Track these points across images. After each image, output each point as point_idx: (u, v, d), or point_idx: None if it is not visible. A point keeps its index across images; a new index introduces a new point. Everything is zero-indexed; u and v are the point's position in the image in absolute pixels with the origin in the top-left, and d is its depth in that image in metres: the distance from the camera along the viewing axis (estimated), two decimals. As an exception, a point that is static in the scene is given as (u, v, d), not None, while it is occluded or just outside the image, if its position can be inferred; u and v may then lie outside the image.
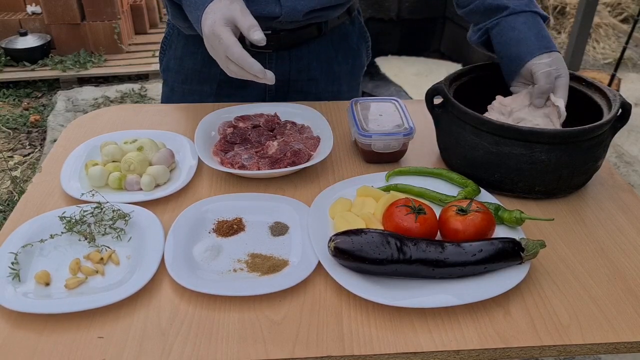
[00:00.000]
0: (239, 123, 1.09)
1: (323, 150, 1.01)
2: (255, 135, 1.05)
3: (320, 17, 1.15)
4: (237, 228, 0.86)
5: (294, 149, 0.99)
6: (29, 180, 2.71)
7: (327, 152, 0.99)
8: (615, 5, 4.90)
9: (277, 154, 0.99)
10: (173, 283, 0.76)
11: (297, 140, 1.03)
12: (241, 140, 1.04)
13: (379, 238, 0.74)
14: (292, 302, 0.75)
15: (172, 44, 1.24)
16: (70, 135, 1.11)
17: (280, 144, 1.02)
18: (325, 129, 1.06)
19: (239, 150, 1.01)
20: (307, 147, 1.02)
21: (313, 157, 1.01)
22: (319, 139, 1.05)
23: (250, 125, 1.08)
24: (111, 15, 3.73)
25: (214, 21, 0.92)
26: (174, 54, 1.24)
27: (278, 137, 1.05)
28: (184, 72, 1.24)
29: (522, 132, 0.88)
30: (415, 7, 3.52)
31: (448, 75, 1.02)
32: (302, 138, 1.05)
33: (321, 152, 1.01)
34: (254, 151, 1.01)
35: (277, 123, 1.10)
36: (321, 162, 1.03)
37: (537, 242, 0.77)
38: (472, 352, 0.69)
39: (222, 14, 0.92)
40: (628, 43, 3.02)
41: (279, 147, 1.01)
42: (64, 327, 0.70)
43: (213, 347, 0.68)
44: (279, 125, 1.09)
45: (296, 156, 0.98)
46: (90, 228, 0.85)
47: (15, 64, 3.64)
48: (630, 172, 2.83)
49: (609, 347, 0.71)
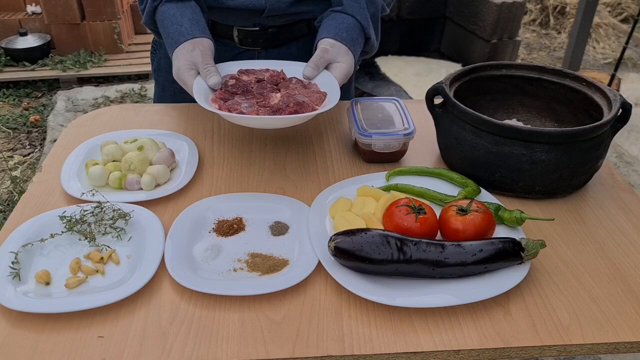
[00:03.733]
0: (242, 76, 1.04)
1: (329, 105, 0.94)
2: (258, 87, 1.00)
3: (307, 12, 1.15)
4: (237, 228, 0.86)
5: (298, 101, 0.94)
6: (29, 180, 2.71)
7: (332, 104, 0.92)
8: (615, 5, 4.90)
9: (279, 104, 0.94)
10: (173, 282, 0.76)
11: (302, 94, 0.98)
12: (243, 91, 0.99)
13: (379, 238, 0.74)
14: (292, 302, 0.75)
15: (163, 44, 1.24)
16: (70, 135, 1.11)
17: (284, 96, 0.97)
18: (333, 86, 1.00)
19: (239, 99, 0.97)
20: (312, 101, 0.96)
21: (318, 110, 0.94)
22: (325, 94, 0.99)
23: (254, 79, 1.04)
24: (111, 15, 3.72)
25: (179, 67, 1.01)
26: (164, 53, 1.24)
27: (282, 90, 1.00)
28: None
29: (522, 132, 0.88)
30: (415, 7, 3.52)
31: (448, 75, 1.02)
32: (307, 92, 0.99)
33: (327, 105, 0.94)
34: (255, 101, 0.97)
35: (282, 78, 1.05)
36: (321, 162, 1.03)
37: (537, 242, 0.77)
38: (472, 352, 0.69)
39: (185, 61, 1.01)
40: (628, 43, 3.02)
41: (281, 98, 0.96)
42: (64, 327, 0.70)
43: (213, 346, 0.68)
44: (284, 80, 1.05)
45: (299, 106, 0.93)
46: (91, 227, 0.85)
47: (15, 64, 3.64)
48: (630, 172, 2.83)
49: (609, 347, 0.71)
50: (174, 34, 1.04)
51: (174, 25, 1.04)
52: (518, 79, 1.08)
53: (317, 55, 1.03)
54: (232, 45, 1.18)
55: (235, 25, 1.15)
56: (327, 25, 1.08)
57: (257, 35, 1.16)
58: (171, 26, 1.05)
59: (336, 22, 1.07)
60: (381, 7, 1.14)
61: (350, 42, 1.06)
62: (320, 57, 1.03)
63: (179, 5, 1.06)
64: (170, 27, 1.05)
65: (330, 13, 1.10)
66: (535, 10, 4.90)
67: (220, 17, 1.14)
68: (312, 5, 1.14)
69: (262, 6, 1.09)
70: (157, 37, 1.18)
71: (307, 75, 1.03)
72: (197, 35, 1.03)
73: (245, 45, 1.18)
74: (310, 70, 1.03)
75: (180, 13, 1.05)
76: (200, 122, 1.15)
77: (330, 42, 1.04)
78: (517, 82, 1.09)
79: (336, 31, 1.05)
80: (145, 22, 1.12)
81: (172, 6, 1.06)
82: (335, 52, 1.04)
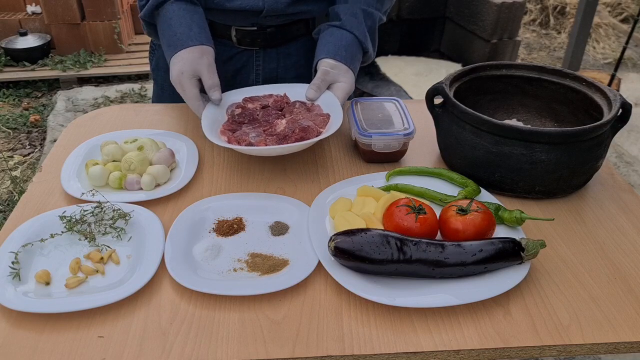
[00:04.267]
0: (247, 104, 1.07)
1: (333, 127, 0.98)
2: (263, 115, 1.03)
3: (305, 12, 1.15)
4: (237, 228, 0.86)
5: (303, 126, 0.97)
6: (29, 180, 2.71)
7: (336, 127, 0.96)
8: (615, 5, 4.90)
9: (285, 131, 0.97)
10: (173, 282, 0.76)
11: (306, 118, 1.01)
12: (249, 120, 1.02)
13: (379, 238, 0.74)
14: (292, 302, 0.75)
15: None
16: (70, 135, 1.11)
17: (289, 122, 0.99)
18: (336, 107, 1.03)
19: (246, 129, 1.00)
20: (316, 124, 0.99)
21: (322, 134, 0.98)
22: (328, 116, 1.02)
23: (259, 106, 1.06)
24: (111, 15, 3.72)
25: (182, 72, 1.00)
26: (163, 53, 1.23)
27: (287, 115, 1.03)
28: None
29: (522, 132, 0.88)
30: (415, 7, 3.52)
31: (448, 75, 1.02)
32: (311, 115, 1.02)
33: (331, 129, 0.98)
34: (262, 129, 0.99)
35: (286, 103, 1.08)
36: (321, 162, 1.03)
37: (537, 242, 0.77)
38: (472, 352, 0.69)
39: (190, 67, 1.00)
40: (628, 43, 3.02)
41: (287, 124, 0.99)
42: (64, 327, 0.70)
43: (213, 346, 0.68)
44: (287, 104, 1.07)
45: (305, 132, 0.96)
46: (91, 227, 0.85)
47: (15, 64, 3.64)
48: (630, 172, 2.83)
49: (609, 347, 0.71)
50: (181, 36, 1.03)
51: (183, 27, 1.04)
52: (518, 79, 1.08)
53: (319, 78, 1.06)
54: (230, 45, 1.18)
55: (234, 25, 1.15)
56: (325, 42, 1.09)
57: (255, 35, 1.16)
58: (179, 27, 1.04)
59: (335, 40, 1.08)
60: (378, 18, 1.15)
61: (350, 60, 1.07)
62: (322, 80, 1.06)
63: (189, 8, 1.06)
64: (177, 27, 1.04)
65: (328, 27, 1.11)
66: (535, 10, 4.90)
67: (218, 17, 1.14)
68: (310, 5, 1.14)
69: (260, 7, 1.09)
70: (149, 32, 1.15)
71: (310, 98, 1.05)
72: (205, 43, 1.03)
73: (243, 45, 1.18)
74: (312, 93, 1.06)
75: (190, 16, 1.05)
76: (200, 122, 1.14)
77: (331, 63, 1.06)
78: (517, 82, 1.09)
79: (336, 50, 1.07)
80: (144, 16, 1.10)
81: (183, 7, 1.05)
82: (336, 73, 1.06)
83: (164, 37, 1.07)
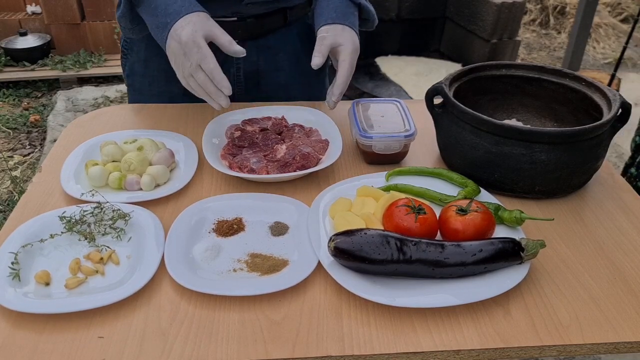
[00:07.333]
0: (246, 126, 1.09)
1: (332, 153, 1.00)
2: (263, 138, 1.05)
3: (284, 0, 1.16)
4: (237, 228, 0.86)
5: (303, 153, 0.98)
6: (29, 180, 2.71)
7: (337, 155, 0.98)
8: (615, 5, 4.90)
9: (285, 157, 0.99)
10: (173, 283, 0.76)
11: (306, 144, 1.02)
12: (249, 144, 1.04)
13: (379, 238, 0.74)
14: (292, 302, 0.75)
15: (134, 47, 1.21)
16: (70, 135, 1.11)
17: (289, 147, 1.01)
18: (334, 131, 1.05)
19: (247, 154, 1.01)
20: (315, 151, 1.01)
21: (322, 160, 1.00)
22: (327, 142, 1.04)
23: (258, 129, 1.08)
24: (111, 15, 3.72)
25: (195, 31, 0.95)
26: (137, 57, 1.22)
27: (286, 140, 1.05)
28: (150, 74, 1.22)
29: (522, 132, 0.88)
30: (415, 7, 3.52)
31: (448, 75, 1.02)
32: (311, 141, 1.04)
33: (331, 155, 1.00)
34: (262, 155, 1.01)
35: (284, 126, 1.09)
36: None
37: (537, 242, 0.77)
38: (472, 352, 0.69)
39: (202, 27, 0.96)
40: (628, 43, 3.02)
41: (287, 150, 1.00)
42: (64, 327, 0.70)
43: (213, 347, 0.68)
44: (286, 128, 1.09)
45: (305, 159, 0.98)
46: (90, 228, 0.85)
47: (15, 64, 3.64)
48: (630, 172, 2.82)
49: (609, 347, 0.71)
50: (183, 2, 0.98)
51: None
52: (518, 79, 1.08)
53: (318, 44, 1.06)
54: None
55: (214, 16, 1.12)
56: (317, 14, 1.12)
57: (235, 26, 1.15)
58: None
59: (322, 7, 1.11)
60: None
61: (342, 18, 1.08)
62: (321, 45, 1.06)
63: None
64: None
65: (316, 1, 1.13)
66: (535, 10, 4.90)
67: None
68: None
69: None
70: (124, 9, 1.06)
71: (315, 64, 1.04)
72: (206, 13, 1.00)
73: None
74: (317, 59, 1.05)
75: None
76: (200, 122, 1.14)
77: (324, 28, 1.07)
78: (517, 82, 1.09)
79: (326, 15, 1.09)
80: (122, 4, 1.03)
81: None
82: (332, 34, 1.06)
83: (157, 12, 1.00)
